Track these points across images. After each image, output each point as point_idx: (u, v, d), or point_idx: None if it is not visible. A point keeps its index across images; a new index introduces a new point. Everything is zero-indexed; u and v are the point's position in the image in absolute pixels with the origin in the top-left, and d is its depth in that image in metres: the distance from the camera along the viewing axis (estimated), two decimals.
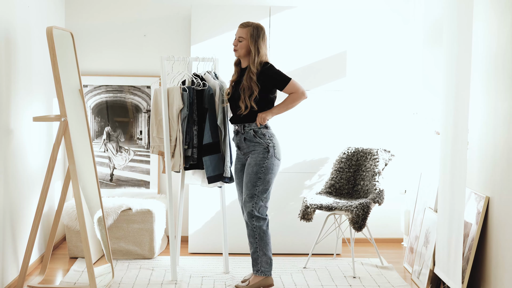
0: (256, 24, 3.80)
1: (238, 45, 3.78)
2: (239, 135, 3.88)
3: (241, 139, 3.86)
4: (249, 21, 3.83)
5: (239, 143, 3.89)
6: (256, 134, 3.80)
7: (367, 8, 5.04)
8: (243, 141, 3.85)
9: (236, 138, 3.90)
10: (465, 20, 3.31)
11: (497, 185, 3.29)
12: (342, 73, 4.68)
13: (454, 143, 3.45)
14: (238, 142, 3.90)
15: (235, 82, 3.88)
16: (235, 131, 3.90)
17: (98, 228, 3.95)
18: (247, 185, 3.79)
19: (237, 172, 3.97)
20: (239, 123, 3.85)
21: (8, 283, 3.75)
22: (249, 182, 3.78)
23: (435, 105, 4.45)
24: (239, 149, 3.92)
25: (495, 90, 3.32)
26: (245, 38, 3.76)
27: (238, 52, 3.80)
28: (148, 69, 5.02)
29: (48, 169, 3.63)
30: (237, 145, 3.91)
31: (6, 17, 3.70)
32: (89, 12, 4.99)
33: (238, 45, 3.78)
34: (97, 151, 5.00)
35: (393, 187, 5.06)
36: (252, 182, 3.77)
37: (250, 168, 3.79)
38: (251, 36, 3.75)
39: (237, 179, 3.97)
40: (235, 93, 3.84)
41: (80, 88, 3.88)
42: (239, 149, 3.91)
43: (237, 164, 3.97)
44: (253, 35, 3.75)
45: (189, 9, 4.93)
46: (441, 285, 3.75)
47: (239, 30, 3.80)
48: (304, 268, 4.33)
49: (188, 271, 4.22)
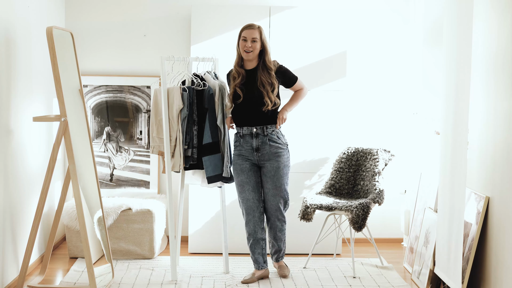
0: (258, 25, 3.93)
1: (252, 45, 3.84)
2: (259, 137, 3.88)
3: (264, 141, 3.88)
4: (252, 23, 3.94)
5: (259, 146, 3.88)
6: (278, 135, 3.93)
7: (367, 8, 5.04)
8: (267, 142, 3.88)
9: (256, 141, 3.88)
10: (465, 20, 3.31)
11: (497, 185, 3.29)
12: (342, 73, 4.68)
13: (454, 143, 3.45)
14: (258, 144, 3.88)
15: (243, 84, 3.87)
16: (253, 133, 3.88)
17: (98, 228, 3.95)
18: (281, 188, 3.94)
19: (245, 171, 3.93)
20: (258, 125, 3.87)
21: (8, 283, 3.75)
22: (282, 185, 3.95)
23: (435, 105, 4.45)
24: (257, 152, 3.90)
25: (495, 90, 3.32)
26: (258, 38, 3.84)
27: (252, 53, 3.86)
28: (148, 69, 5.02)
29: (48, 169, 3.63)
30: (256, 148, 3.89)
31: (6, 17, 3.70)
32: (89, 12, 4.99)
33: (252, 46, 3.84)
34: (97, 151, 5.00)
35: (393, 187, 5.06)
36: (284, 184, 3.96)
37: (280, 171, 3.91)
38: (262, 35, 3.87)
39: (247, 178, 3.93)
40: (252, 92, 3.84)
41: (80, 88, 3.88)
42: (258, 151, 3.89)
43: (245, 164, 3.93)
44: (262, 34, 3.88)
45: (189, 9, 4.93)
46: (441, 285, 3.75)
47: (249, 31, 3.84)
48: (304, 268, 4.33)
49: (188, 271, 4.22)
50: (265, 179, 3.96)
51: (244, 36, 3.85)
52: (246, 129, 3.90)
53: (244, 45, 3.85)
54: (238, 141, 3.96)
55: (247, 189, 3.94)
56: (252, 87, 3.86)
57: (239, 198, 4.01)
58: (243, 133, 3.92)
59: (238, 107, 3.90)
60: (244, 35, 3.85)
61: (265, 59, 3.87)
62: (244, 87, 3.87)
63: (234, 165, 3.98)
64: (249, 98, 3.86)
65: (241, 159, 3.94)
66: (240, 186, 3.95)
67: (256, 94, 3.85)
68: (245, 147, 3.92)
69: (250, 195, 3.94)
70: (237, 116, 3.93)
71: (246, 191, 3.94)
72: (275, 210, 3.99)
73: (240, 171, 3.94)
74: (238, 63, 3.92)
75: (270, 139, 3.90)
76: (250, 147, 3.90)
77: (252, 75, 3.89)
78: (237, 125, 3.95)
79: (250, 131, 3.89)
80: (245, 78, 3.89)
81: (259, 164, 3.95)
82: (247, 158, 3.93)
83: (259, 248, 4.03)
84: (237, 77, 3.89)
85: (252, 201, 3.94)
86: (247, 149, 3.92)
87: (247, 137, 3.91)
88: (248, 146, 3.91)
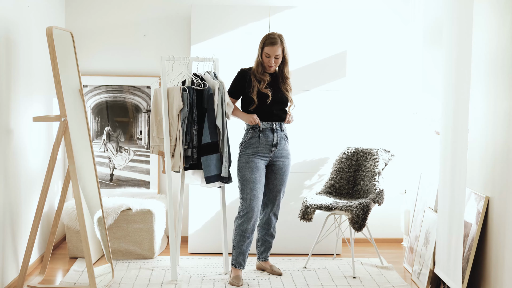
0: (278, 34, 3.94)
1: (275, 62, 3.93)
2: (278, 133, 4.00)
3: (282, 136, 4.04)
4: (273, 34, 3.92)
5: (278, 141, 4.00)
6: (286, 134, 4.10)
7: (367, 8, 5.05)
8: (284, 137, 4.05)
9: (276, 135, 3.99)
10: (465, 20, 3.31)
11: (497, 185, 3.29)
12: (342, 73, 4.68)
13: (454, 143, 3.45)
14: (278, 139, 4.00)
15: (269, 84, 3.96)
16: (273, 128, 3.99)
17: (98, 228, 3.95)
18: (285, 185, 4.14)
19: (260, 170, 3.97)
20: (277, 121, 4.01)
21: (8, 283, 3.75)
22: (287, 182, 4.15)
23: (435, 105, 4.45)
24: (275, 147, 3.99)
25: (495, 90, 3.32)
26: (280, 54, 3.92)
27: (273, 68, 3.97)
28: (148, 69, 5.02)
29: (48, 169, 3.63)
30: (275, 143, 3.98)
31: (6, 17, 3.70)
32: (89, 12, 4.99)
33: (275, 62, 3.93)
34: (97, 151, 5.00)
35: (393, 187, 5.06)
36: (287, 180, 4.14)
37: (289, 168, 4.13)
38: (284, 49, 3.94)
39: (260, 177, 3.97)
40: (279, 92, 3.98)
41: (80, 88, 3.88)
42: (276, 146, 3.99)
43: (260, 163, 3.98)
44: (285, 47, 3.95)
45: (189, 9, 4.93)
46: (441, 285, 3.75)
47: (272, 49, 3.88)
48: (304, 268, 4.33)
49: (188, 271, 4.22)
50: (274, 176, 4.06)
51: (267, 53, 3.90)
52: (266, 124, 3.99)
53: (267, 61, 3.92)
54: (255, 137, 3.97)
55: (258, 187, 3.95)
56: (278, 89, 3.99)
57: (249, 195, 3.93)
58: (262, 128, 3.97)
59: (262, 106, 3.96)
60: (267, 51, 3.90)
61: (283, 70, 3.99)
62: (271, 86, 3.98)
63: (249, 162, 3.94)
64: (275, 99, 3.96)
65: (257, 157, 3.97)
66: (253, 183, 3.93)
67: (282, 96, 4.00)
68: (264, 143, 3.96)
69: (260, 193, 3.97)
70: (259, 112, 3.98)
71: (258, 189, 3.95)
72: (276, 206, 4.14)
73: (256, 169, 3.95)
74: (259, 70, 3.96)
75: (286, 135, 4.08)
76: (270, 142, 3.98)
77: (275, 78, 4.02)
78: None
79: (270, 126, 3.99)
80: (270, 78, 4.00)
81: (272, 160, 4.02)
82: (263, 156, 3.98)
83: (249, 249, 4.05)
84: (265, 76, 3.96)
85: (260, 199, 3.98)
86: (266, 145, 3.97)
87: (267, 132, 3.98)
88: (269, 141, 3.97)
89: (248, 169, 3.94)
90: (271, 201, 4.11)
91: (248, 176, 3.94)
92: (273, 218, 4.16)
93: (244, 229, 3.97)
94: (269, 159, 4.01)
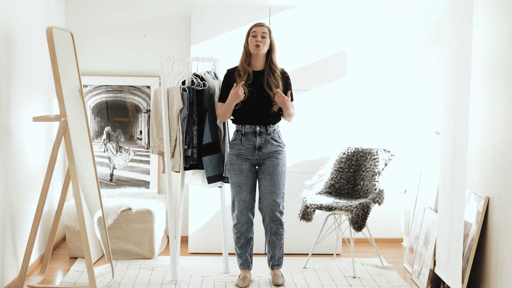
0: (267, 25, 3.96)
1: (262, 40, 3.82)
2: (262, 136, 3.87)
3: (267, 140, 3.88)
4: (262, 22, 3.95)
5: (262, 144, 3.87)
6: (278, 134, 3.94)
7: (367, 8, 5.04)
8: (270, 141, 3.89)
9: (259, 139, 3.86)
10: (466, 20, 3.31)
11: (497, 185, 3.29)
12: (342, 73, 4.68)
13: (454, 143, 3.45)
14: (262, 143, 3.87)
15: (250, 84, 3.84)
16: (256, 132, 3.86)
17: (98, 228, 3.95)
18: (279, 185, 3.90)
19: (244, 172, 3.88)
20: (262, 124, 3.87)
21: (8, 283, 3.75)
22: (280, 182, 3.90)
23: (435, 105, 4.45)
24: (258, 150, 3.87)
25: (495, 90, 3.32)
26: (268, 34, 3.85)
27: (261, 49, 3.82)
28: (148, 69, 5.02)
29: (48, 169, 3.63)
30: (258, 146, 3.87)
31: (6, 17, 3.70)
32: (89, 12, 4.98)
33: (262, 41, 3.82)
34: (97, 151, 5.00)
35: (393, 187, 5.06)
36: (282, 182, 3.92)
37: (279, 168, 3.89)
38: (271, 33, 3.88)
39: (246, 180, 3.89)
40: (261, 93, 3.83)
41: (80, 88, 3.88)
42: (260, 150, 3.87)
43: (244, 165, 3.88)
44: (271, 33, 3.89)
45: (189, 9, 4.93)
46: (441, 285, 3.75)
47: (259, 28, 3.84)
48: (304, 268, 4.33)
49: (188, 271, 4.22)
50: (263, 177, 3.90)
51: (254, 31, 3.83)
52: (249, 127, 3.87)
53: (254, 40, 3.82)
54: (238, 140, 3.90)
55: (244, 190, 3.90)
56: (261, 88, 3.84)
57: (235, 198, 3.93)
58: (245, 131, 3.88)
59: (244, 106, 3.84)
60: (254, 30, 3.84)
61: (271, 57, 3.87)
62: (252, 87, 3.84)
63: (232, 165, 3.90)
64: (257, 99, 3.83)
65: (240, 160, 3.89)
66: (238, 187, 3.90)
67: (265, 95, 3.83)
68: (246, 146, 3.87)
69: (247, 196, 3.90)
70: (241, 115, 3.88)
71: (244, 192, 3.90)
72: (271, 209, 3.88)
73: (239, 172, 3.88)
74: (245, 60, 3.88)
75: (272, 138, 3.90)
76: (252, 146, 3.87)
77: (259, 76, 3.87)
78: (239, 123, 3.91)
79: (253, 129, 3.87)
80: (252, 79, 3.86)
81: (258, 163, 3.91)
82: (246, 158, 3.89)
83: (249, 248, 4.00)
84: (243, 74, 3.85)
85: (248, 202, 3.91)
86: (248, 148, 3.88)
87: (249, 136, 3.87)
88: (250, 144, 3.87)
89: (232, 172, 3.91)
90: (264, 204, 3.90)
91: (233, 179, 3.92)
92: (271, 224, 3.92)
93: (238, 231, 3.96)
94: (255, 161, 3.91)
